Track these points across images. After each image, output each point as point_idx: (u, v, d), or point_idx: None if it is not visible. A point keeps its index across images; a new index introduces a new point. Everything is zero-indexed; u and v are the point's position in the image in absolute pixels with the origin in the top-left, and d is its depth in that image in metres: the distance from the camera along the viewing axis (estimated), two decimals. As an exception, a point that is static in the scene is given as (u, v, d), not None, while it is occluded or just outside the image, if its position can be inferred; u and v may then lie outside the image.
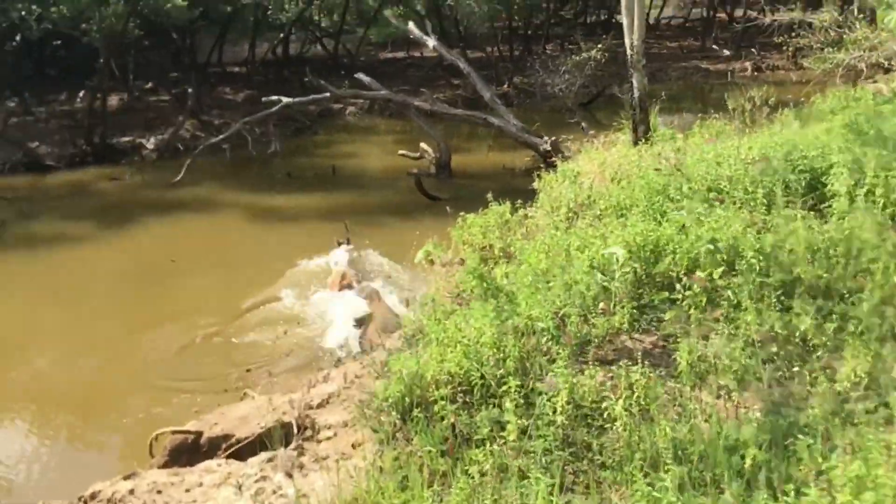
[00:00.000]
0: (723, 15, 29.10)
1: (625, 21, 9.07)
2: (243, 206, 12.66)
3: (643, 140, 8.87)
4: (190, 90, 16.80)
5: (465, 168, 14.22)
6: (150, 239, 11.34)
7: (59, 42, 21.04)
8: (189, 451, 5.23)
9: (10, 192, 13.51)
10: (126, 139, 16.25)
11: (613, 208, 5.98)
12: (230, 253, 10.82)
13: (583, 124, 12.73)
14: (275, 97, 14.04)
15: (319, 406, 5.49)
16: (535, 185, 7.92)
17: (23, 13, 14.62)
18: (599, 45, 17.30)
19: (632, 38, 8.99)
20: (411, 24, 15.19)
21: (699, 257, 4.73)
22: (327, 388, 5.70)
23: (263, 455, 4.92)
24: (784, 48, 19.92)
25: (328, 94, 13.81)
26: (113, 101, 19.72)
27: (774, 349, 4.10)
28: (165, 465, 5.18)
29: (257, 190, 13.53)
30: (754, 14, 25.48)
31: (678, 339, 4.36)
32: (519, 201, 7.03)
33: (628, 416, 3.60)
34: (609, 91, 19.45)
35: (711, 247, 4.56)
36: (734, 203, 5.45)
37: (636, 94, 9.12)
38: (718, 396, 3.86)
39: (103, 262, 10.44)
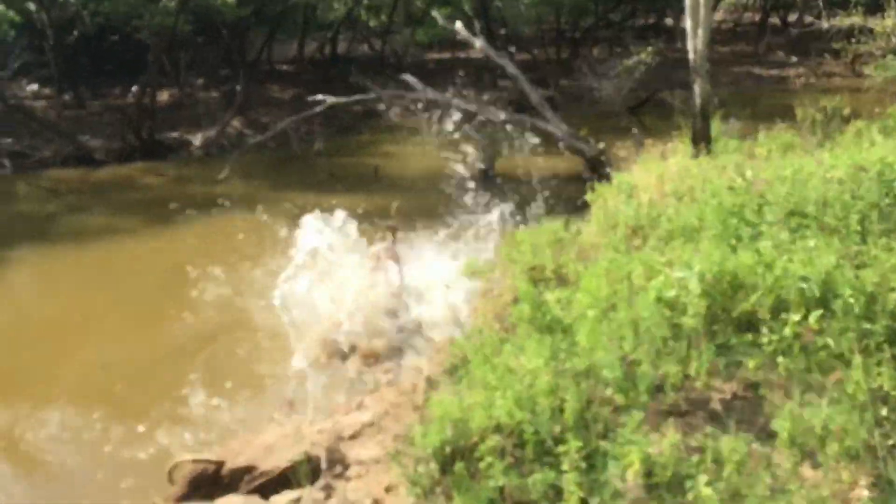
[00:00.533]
0: (775, 19, 27.75)
1: (688, 23, 8.26)
2: (285, 205, 12.18)
3: (705, 151, 8.07)
4: (238, 88, 16.42)
5: (509, 172, 13.52)
6: (192, 234, 10.96)
7: (115, 37, 20.95)
8: (209, 483, 4.69)
9: (62, 185, 13.31)
10: (174, 135, 15.93)
11: (680, 230, 5.25)
12: (270, 250, 10.38)
13: (635, 130, 11.92)
14: (320, 97, 13.54)
15: (352, 437, 4.91)
16: (588, 197, 7.19)
17: (77, 7, 14.36)
18: (650, 48, 16.41)
19: (695, 42, 8.19)
20: (458, 24, 14.52)
21: (786, 294, 4.00)
22: (361, 417, 5.12)
23: (288, 495, 4.36)
24: (843, 55, 18.77)
25: (373, 95, 13.24)
26: (164, 96, 19.52)
27: (885, 412, 3.36)
28: (184, 498, 4.66)
29: (299, 189, 13.06)
30: (810, 19, 24.19)
31: (763, 391, 3.66)
32: (571, 217, 6.34)
33: (714, 493, 2.92)
34: (658, 96, 18.57)
35: (804, 285, 3.82)
36: (822, 230, 4.68)
37: (698, 101, 8.32)
38: (819, 468, 3.15)
39: (147, 256, 10.12)
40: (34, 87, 20.09)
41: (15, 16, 16.78)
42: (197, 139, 15.64)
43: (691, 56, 8.30)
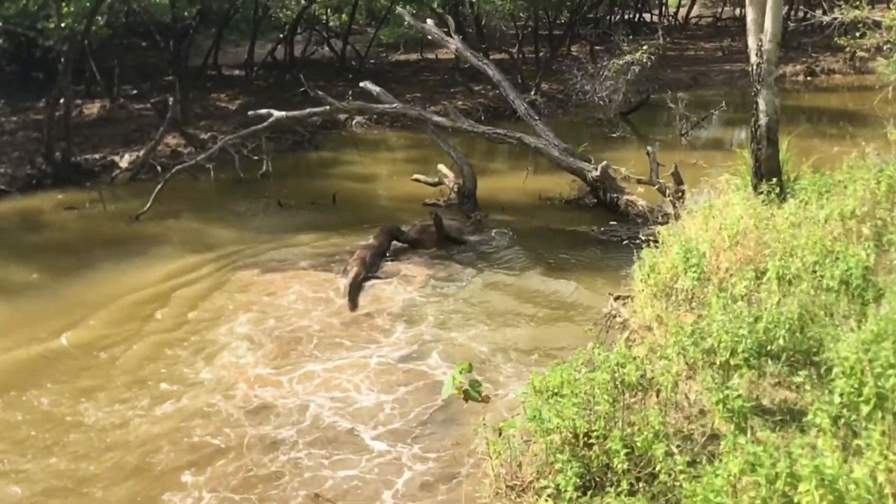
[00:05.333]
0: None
1: (749, 16, 5.80)
2: (220, 245, 9.49)
3: (776, 188, 5.63)
4: (171, 99, 13.59)
5: (491, 196, 10.95)
6: (100, 291, 8.16)
7: (50, 42, 17.87)
8: None
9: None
10: (97, 156, 13.07)
11: (858, 396, 2.77)
12: (197, 311, 7.64)
13: (649, 149, 9.46)
14: (264, 111, 10.87)
15: None
16: (636, 271, 4.69)
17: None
18: (646, 47, 14.03)
19: (759, 40, 5.73)
20: (429, 23, 11.93)
21: None
22: None
23: None
24: (848, 50, 16.71)
25: (327, 108, 10.61)
26: (93, 108, 16.62)
27: None
28: None
29: (238, 225, 10.34)
30: (804, 12, 22.06)
31: None
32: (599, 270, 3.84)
33: None
34: (651, 99, 16.22)
35: None
36: None
37: (763, 120, 5.87)
38: None
39: (34, 325, 7.25)
40: (-53, 98, 17.03)
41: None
42: (123, 161, 12.83)
43: (753, 60, 5.85)
